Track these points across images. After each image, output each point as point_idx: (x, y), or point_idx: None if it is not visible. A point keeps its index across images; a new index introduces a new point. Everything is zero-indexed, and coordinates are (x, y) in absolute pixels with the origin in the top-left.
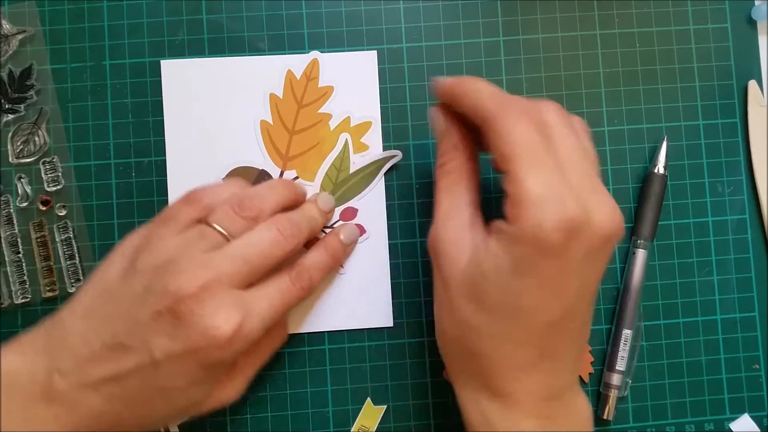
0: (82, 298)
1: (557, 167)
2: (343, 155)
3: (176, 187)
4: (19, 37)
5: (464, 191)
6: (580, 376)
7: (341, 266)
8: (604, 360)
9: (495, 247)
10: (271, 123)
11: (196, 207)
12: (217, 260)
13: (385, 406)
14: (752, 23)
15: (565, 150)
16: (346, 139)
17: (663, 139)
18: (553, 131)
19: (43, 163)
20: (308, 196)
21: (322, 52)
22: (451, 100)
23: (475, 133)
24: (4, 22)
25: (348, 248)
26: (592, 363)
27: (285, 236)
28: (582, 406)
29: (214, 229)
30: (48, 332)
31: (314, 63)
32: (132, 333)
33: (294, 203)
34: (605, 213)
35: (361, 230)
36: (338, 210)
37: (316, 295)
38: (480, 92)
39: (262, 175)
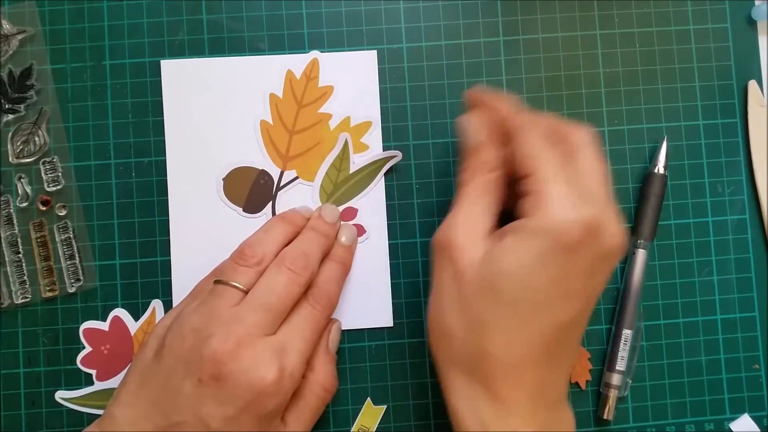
0: (125, 386)
1: (576, 179)
2: (343, 155)
3: (176, 187)
4: (19, 37)
5: (487, 204)
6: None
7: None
8: (604, 360)
9: (514, 243)
10: (271, 123)
11: (215, 274)
12: (241, 314)
13: (385, 406)
14: (752, 23)
15: (590, 169)
16: (346, 139)
17: (663, 139)
18: (583, 150)
19: (43, 163)
20: (310, 199)
21: (322, 52)
22: (482, 108)
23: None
24: (4, 22)
25: (352, 249)
26: (590, 359)
27: (297, 271)
28: (570, 420)
29: (227, 284)
30: (100, 428)
31: (314, 63)
32: (181, 408)
33: (295, 234)
34: (616, 226)
35: (361, 230)
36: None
37: None
38: (509, 106)
39: (262, 175)
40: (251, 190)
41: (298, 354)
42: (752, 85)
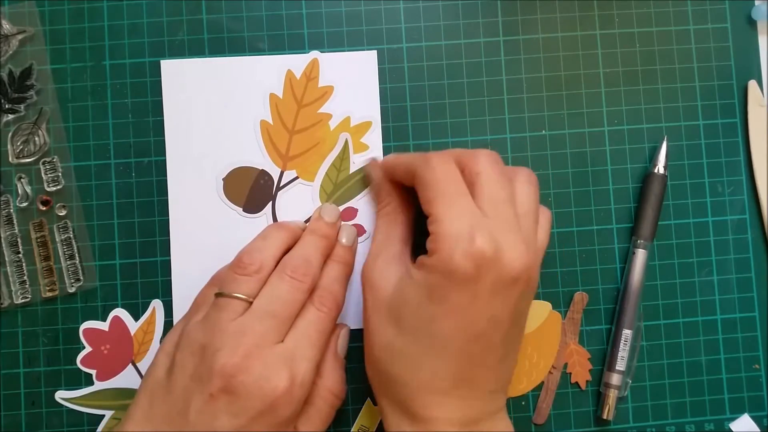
0: (138, 404)
1: (475, 209)
2: (343, 155)
3: (176, 187)
4: (19, 37)
5: (397, 229)
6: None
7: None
8: (604, 360)
9: (417, 276)
10: (271, 123)
11: (214, 284)
12: (247, 325)
13: None
14: (752, 23)
15: (488, 194)
16: (346, 139)
17: (663, 139)
18: (480, 177)
19: (43, 163)
20: (310, 199)
21: (322, 52)
22: (389, 172)
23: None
24: (4, 22)
25: (353, 249)
26: (590, 359)
27: (299, 278)
28: None
29: (229, 296)
30: None
31: (314, 63)
32: (194, 424)
33: (293, 240)
34: (516, 253)
35: (361, 230)
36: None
37: None
38: (406, 156)
39: (262, 175)
40: (251, 190)
41: (307, 361)
42: (752, 85)
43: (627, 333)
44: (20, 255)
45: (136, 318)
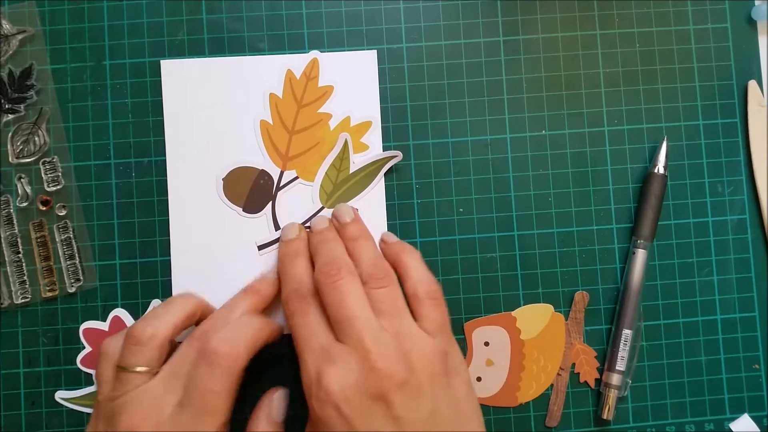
0: None
1: (324, 344)
2: (343, 155)
3: (176, 187)
4: (19, 37)
5: None
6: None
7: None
8: (604, 360)
9: None
10: (271, 123)
11: (105, 356)
12: (149, 388)
13: None
14: (752, 23)
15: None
16: (346, 139)
17: (663, 139)
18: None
19: (43, 163)
20: (310, 199)
21: (322, 51)
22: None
23: None
24: (4, 22)
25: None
26: (596, 356)
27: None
28: None
29: (130, 371)
30: None
31: (314, 63)
32: None
33: (198, 310)
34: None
35: None
36: None
37: None
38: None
39: (262, 175)
40: (251, 190)
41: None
42: (752, 85)
43: (627, 333)
44: (20, 255)
45: (136, 318)
